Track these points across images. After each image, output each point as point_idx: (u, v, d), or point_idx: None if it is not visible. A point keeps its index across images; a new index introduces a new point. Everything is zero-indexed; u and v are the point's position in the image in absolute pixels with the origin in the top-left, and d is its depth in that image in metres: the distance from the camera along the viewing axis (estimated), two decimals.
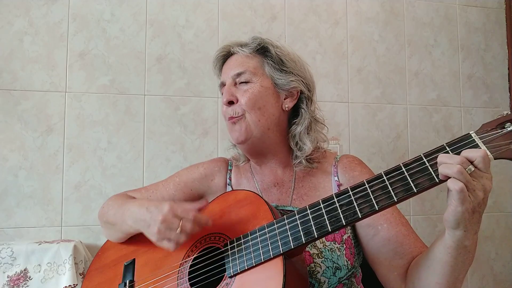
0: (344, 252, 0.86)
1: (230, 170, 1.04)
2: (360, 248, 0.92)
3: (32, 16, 1.57)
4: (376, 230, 0.86)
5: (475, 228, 0.65)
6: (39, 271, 1.34)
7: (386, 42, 1.88)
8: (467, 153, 0.62)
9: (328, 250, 0.85)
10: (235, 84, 0.95)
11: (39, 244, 1.37)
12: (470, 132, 0.64)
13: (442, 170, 0.62)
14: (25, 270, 1.34)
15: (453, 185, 0.60)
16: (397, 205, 0.75)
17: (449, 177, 0.61)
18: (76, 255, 1.38)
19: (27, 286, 1.32)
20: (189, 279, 0.80)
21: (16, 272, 1.33)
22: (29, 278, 1.33)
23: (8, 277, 1.32)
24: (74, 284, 1.32)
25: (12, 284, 1.31)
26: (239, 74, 0.94)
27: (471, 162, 0.61)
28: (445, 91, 1.92)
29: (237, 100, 0.93)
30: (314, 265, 0.83)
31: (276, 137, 0.96)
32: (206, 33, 1.71)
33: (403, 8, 1.91)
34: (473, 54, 1.97)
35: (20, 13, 1.56)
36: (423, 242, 0.85)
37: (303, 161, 0.96)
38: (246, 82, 0.94)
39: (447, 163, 0.61)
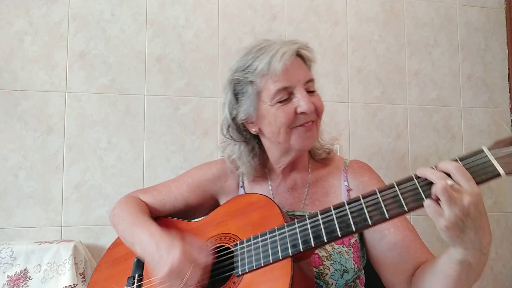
0: (351, 255, 0.87)
1: (243, 173, 1.02)
2: (364, 252, 0.93)
3: (32, 16, 1.57)
4: (383, 234, 0.86)
5: (478, 247, 0.63)
6: (39, 271, 1.34)
7: (386, 42, 1.88)
8: (442, 165, 0.63)
9: (337, 253, 0.86)
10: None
11: (39, 244, 1.37)
12: (482, 147, 0.64)
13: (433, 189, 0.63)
14: (25, 270, 1.34)
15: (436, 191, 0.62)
16: None
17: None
18: (76, 255, 1.38)
19: (27, 286, 1.32)
20: None
21: (16, 272, 1.33)
22: (29, 278, 1.33)
23: (8, 277, 1.32)
24: (74, 284, 1.32)
25: (12, 284, 1.32)
26: (309, 81, 0.89)
27: (451, 177, 0.62)
28: (445, 91, 1.92)
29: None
30: (323, 267, 0.84)
31: None
32: (206, 33, 1.71)
33: (403, 8, 1.91)
34: (473, 54, 1.97)
35: (20, 13, 1.56)
36: (429, 250, 0.86)
37: (323, 153, 0.98)
38: (313, 91, 0.90)
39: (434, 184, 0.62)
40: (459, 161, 0.65)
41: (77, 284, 1.33)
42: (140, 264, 0.89)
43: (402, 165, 1.84)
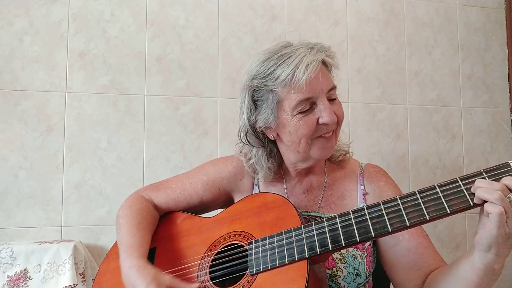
0: (365, 259, 0.87)
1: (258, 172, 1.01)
2: (375, 256, 0.93)
3: (32, 16, 1.57)
4: (397, 240, 0.86)
5: (506, 253, 0.66)
6: (39, 271, 1.34)
7: (386, 42, 1.88)
8: (508, 181, 0.62)
9: (350, 256, 0.86)
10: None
11: (39, 244, 1.37)
12: (509, 162, 0.65)
13: (480, 194, 0.62)
14: (25, 270, 1.34)
15: (493, 208, 0.61)
16: None
17: (485, 201, 0.62)
18: (76, 255, 1.37)
19: (27, 286, 1.32)
20: (210, 272, 0.82)
21: (16, 272, 1.33)
22: (29, 278, 1.33)
23: (8, 277, 1.32)
24: (74, 284, 1.32)
25: (12, 284, 1.32)
26: (331, 89, 0.86)
27: (511, 191, 0.62)
28: (445, 91, 1.92)
29: None
30: (336, 270, 0.84)
31: None
32: (206, 33, 1.71)
33: (403, 8, 1.91)
34: (473, 54, 1.97)
35: (20, 13, 1.56)
36: (441, 257, 0.86)
37: (340, 156, 0.99)
38: (334, 99, 0.88)
39: (487, 188, 0.62)
40: (484, 173, 0.65)
41: (77, 284, 1.33)
42: (149, 257, 0.88)
43: (402, 165, 1.84)
